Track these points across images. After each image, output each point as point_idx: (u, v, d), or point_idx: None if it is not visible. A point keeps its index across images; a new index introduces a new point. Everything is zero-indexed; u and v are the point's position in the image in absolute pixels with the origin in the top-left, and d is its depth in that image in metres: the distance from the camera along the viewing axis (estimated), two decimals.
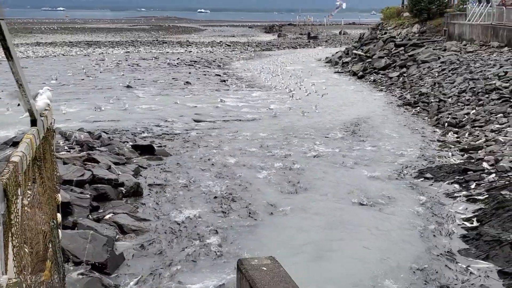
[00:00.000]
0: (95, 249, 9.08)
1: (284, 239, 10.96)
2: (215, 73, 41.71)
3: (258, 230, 11.41)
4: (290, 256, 10.09)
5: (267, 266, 3.71)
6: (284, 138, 20.11)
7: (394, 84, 34.22)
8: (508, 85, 23.02)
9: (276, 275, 3.62)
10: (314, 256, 10.17)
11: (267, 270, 3.66)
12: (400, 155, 17.52)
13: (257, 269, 3.66)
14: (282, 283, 3.49)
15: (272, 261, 3.82)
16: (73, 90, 31.53)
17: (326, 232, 11.27)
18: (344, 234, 11.07)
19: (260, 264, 3.74)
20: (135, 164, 15.42)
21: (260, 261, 3.80)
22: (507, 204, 11.49)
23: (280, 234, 11.24)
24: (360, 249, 10.30)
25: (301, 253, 10.28)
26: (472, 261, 9.64)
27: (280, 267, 3.79)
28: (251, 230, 11.35)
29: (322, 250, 10.35)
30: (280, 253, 10.22)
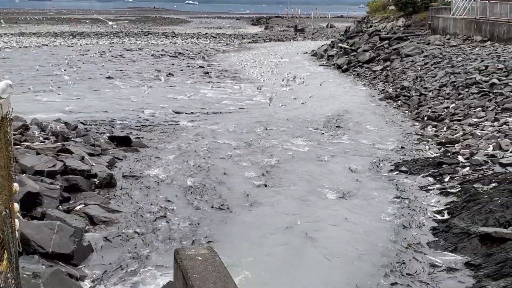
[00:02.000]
0: (62, 240, 8.99)
1: (255, 231, 10.94)
2: (199, 65, 41.55)
3: (230, 222, 11.37)
4: (259, 248, 10.10)
5: (202, 256, 3.68)
6: (263, 131, 20.07)
7: (377, 78, 34.28)
8: (488, 79, 23.11)
9: (211, 264, 3.59)
10: (282, 248, 10.15)
11: (202, 260, 3.64)
12: (378, 148, 17.56)
13: (192, 258, 3.64)
14: (215, 272, 3.47)
15: (209, 251, 3.80)
16: (54, 81, 31.22)
17: (296, 224, 11.24)
18: (313, 226, 11.06)
19: (196, 254, 3.72)
20: (110, 155, 15.31)
21: (197, 251, 3.77)
22: (478, 197, 11.55)
23: (252, 226, 11.22)
24: (328, 242, 10.31)
25: (270, 246, 10.26)
26: (440, 253, 9.68)
27: (215, 257, 3.77)
28: (223, 222, 11.31)
29: (291, 242, 10.33)
30: (251, 245, 10.24)
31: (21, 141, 15.19)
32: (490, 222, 10.26)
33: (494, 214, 10.43)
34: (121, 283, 8.66)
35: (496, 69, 24.11)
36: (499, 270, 8.63)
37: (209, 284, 3.35)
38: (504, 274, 8.48)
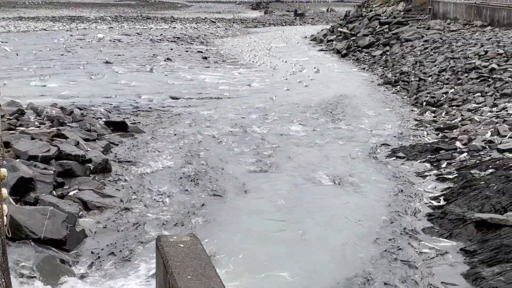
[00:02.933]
0: (54, 225, 8.93)
1: (250, 217, 10.88)
2: (197, 50, 41.33)
3: (225, 208, 11.30)
4: (253, 234, 10.04)
5: (184, 243, 3.62)
6: (260, 117, 19.97)
7: (376, 63, 34.13)
8: (487, 64, 22.97)
9: (192, 252, 3.53)
10: (276, 234, 10.09)
11: (183, 247, 3.57)
12: (375, 134, 17.47)
13: (174, 246, 3.58)
14: (196, 260, 3.41)
15: (191, 238, 3.73)
16: (52, 65, 31.07)
17: (292, 211, 11.17)
18: (308, 212, 10.99)
19: (178, 241, 3.66)
20: (106, 140, 15.23)
21: (179, 238, 3.71)
22: (475, 183, 11.48)
23: (247, 212, 11.15)
24: (323, 227, 10.25)
25: (264, 232, 10.19)
26: (435, 239, 9.63)
27: (198, 244, 3.70)
28: (217, 208, 11.24)
29: (285, 228, 10.27)
30: (245, 231, 10.18)
31: (16, 126, 15.12)
32: (486, 208, 10.21)
33: (490, 200, 10.37)
34: (114, 268, 8.62)
35: (495, 54, 23.96)
36: (494, 257, 8.58)
37: (189, 271, 3.29)
38: (499, 261, 8.44)
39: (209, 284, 3.18)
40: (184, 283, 3.15)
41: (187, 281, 3.18)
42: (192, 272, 3.28)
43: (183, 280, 3.17)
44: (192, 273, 3.28)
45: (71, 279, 8.07)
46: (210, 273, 3.30)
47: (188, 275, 3.24)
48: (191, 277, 3.23)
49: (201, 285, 3.16)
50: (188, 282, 3.18)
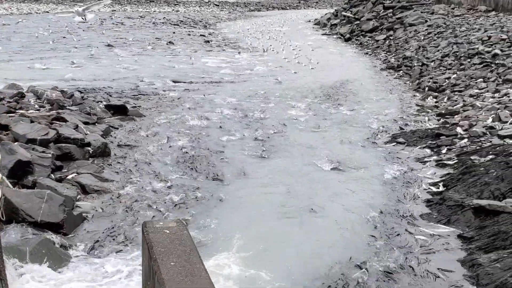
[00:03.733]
0: (51, 209, 8.91)
1: (249, 202, 10.85)
2: (200, 34, 41.16)
3: (224, 193, 11.26)
4: (252, 219, 10.02)
5: (170, 229, 3.59)
6: (262, 101, 19.91)
7: (379, 47, 33.97)
8: (490, 49, 22.82)
9: (177, 238, 3.51)
10: (275, 219, 10.06)
11: (169, 233, 3.55)
12: (376, 119, 17.40)
13: (159, 232, 3.55)
14: (181, 246, 3.39)
15: (178, 224, 3.70)
16: (53, 48, 30.98)
17: (290, 195, 11.16)
18: (307, 198, 10.96)
19: (164, 226, 3.63)
20: (106, 124, 15.19)
21: (165, 224, 3.68)
22: (474, 169, 11.42)
23: (246, 197, 11.12)
24: (321, 213, 10.21)
25: (263, 217, 10.16)
26: (433, 225, 9.59)
27: (184, 230, 3.67)
28: (216, 193, 11.20)
29: (284, 213, 10.25)
30: (244, 215, 10.17)
31: (16, 108, 15.09)
32: (484, 195, 10.17)
33: (489, 187, 10.33)
34: (111, 252, 8.60)
35: (499, 39, 23.80)
36: (491, 243, 8.56)
37: (172, 258, 3.27)
38: (496, 247, 8.42)
39: (193, 270, 3.15)
40: (167, 270, 3.13)
41: (170, 267, 3.16)
42: (176, 259, 3.26)
43: (166, 267, 3.15)
44: (176, 259, 3.26)
45: (68, 263, 8.07)
46: (194, 260, 3.27)
47: (172, 261, 3.22)
48: (174, 264, 3.20)
49: (184, 271, 3.14)
50: (171, 268, 3.16)
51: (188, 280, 3.03)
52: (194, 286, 2.96)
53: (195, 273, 3.10)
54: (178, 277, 3.05)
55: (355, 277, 7.93)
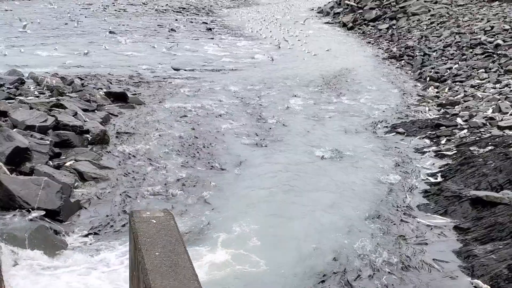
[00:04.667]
0: (48, 196, 8.92)
1: (247, 191, 10.85)
2: (202, 21, 41.01)
3: (222, 181, 11.27)
4: (251, 207, 10.03)
5: (157, 219, 3.59)
6: (262, 89, 19.86)
7: (382, 37, 33.83)
8: (493, 40, 22.72)
9: (164, 228, 3.51)
10: (275, 208, 10.06)
11: (156, 223, 3.55)
12: (376, 109, 17.37)
13: (146, 221, 3.55)
14: (167, 236, 3.39)
15: (165, 214, 3.70)
16: (55, 35, 30.89)
17: (290, 185, 11.14)
18: (306, 186, 10.96)
19: (151, 216, 3.63)
20: (105, 111, 15.17)
21: (152, 214, 3.68)
22: (473, 160, 11.42)
23: (244, 185, 11.12)
24: (319, 202, 10.21)
25: (262, 205, 10.17)
26: (430, 216, 9.60)
27: (171, 220, 3.67)
28: (214, 181, 11.20)
29: (282, 202, 10.25)
30: (241, 204, 10.17)
31: (16, 95, 15.08)
32: (482, 186, 10.17)
33: (487, 178, 10.32)
34: (107, 239, 8.62)
35: (501, 30, 23.71)
36: (487, 234, 8.57)
37: (157, 248, 3.27)
38: (492, 238, 8.43)
39: (177, 261, 3.16)
40: (151, 260, 3.14)
41: (155, 257, 3.17)
42: (161, 249, 3.26)
43: (150, 257, 3.16)
44: (161, 249, 3.26)
45: (64, 250, 8.09)
46: (179, 250, 3.27)
47: (157, 251, 3.23)
48: (159, 254, 3.21)
49: (169, 261, 3.14)
50: (156, 258, 3.16)
51: (172, 271, 3.04)
52: (177, 276, 2.97)
53: (180, 264, 3.11)
54: (162, 268, 3.05)
55: (351, 265, 7.95)
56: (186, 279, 2.99)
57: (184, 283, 2.95)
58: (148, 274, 2.98)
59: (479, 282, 7.34)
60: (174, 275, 3.03)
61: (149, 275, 2.97)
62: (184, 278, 3.00)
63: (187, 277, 3.01)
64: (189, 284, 2.94)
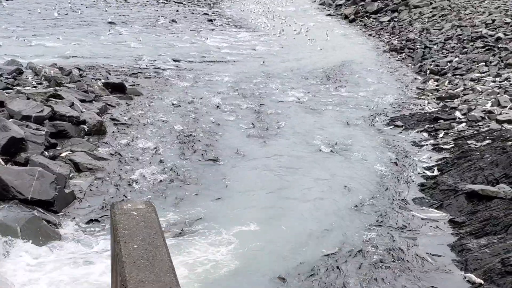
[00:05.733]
0: (42, 186, 8.90)
1: (243, 183, 10.83)
2: (204, 12, 40.86)
3: (218, 172, 11.25)
4: (247, 200, 10.02)
5: (138, 211, 3.57)
6: (262, 81, 19.81)
7: (383, 29, 33.68)
8: (494, 33, 22.61)
9: (144, 220, 3.49)
10: (268, 200, 10.06)
11: (137, 215, 3.52)
12: (376, 102, 17.32)
13: (127, 213, 3.53)
14: (146, 229, 3.37)
15: (146, 206, 3.67)
16: (55, 25, 30.79)
17: (286, 177, 11.13)
18: (302, 179, 10.95)
19: (132, 208, 3.61)
20: (103, 102, 15.14)
21: (134, 206, 3.66)
22: (470, 153, 11.37)
23: (240, 177, 11.10)
24: (316, 194, 10.20)
25: (258, 198, 10.16)
26: (425, 209, 9.57)
27: (152, 212, 3.64)
28: (211, 173, 11.19)
29: (277, 194, 10.24)
30: (238, 196, 10.16)
31: (13, 85, 15.06)
32: (478, 180, 10.13)
33: (483, 172, 10.29)
34: (101, 231, 8.60)
35: (503, 23, 23.59)
36: (482, 228, 8.54)
37: (136, 240, 3.25)
38: (486, 233, 8.40)
39: (155, 254, 3.14)
40: (129, 252, 3.11)
41: (132, 250, 3.15)
42: (140, 241, 3.24)
43: (128, 249, 3.14)
44: (140, 242, 3.24)
45: (57, 241, 8.08)
46: (158, 243, 3.25)
47: (135, 244, 3.21)
48: (137, 246, 3.19)
49: (146, 254, 3.12)
50: (133, 251, 3.14)
51: (149, 264, 3.02)
52: (154, 269, 2.95)
53: (157, 257, 3.09)
54: (139, 260, 3.03)
55: (343, 257, 7.93)
56: (163, 272, 2.97)
57: (160, 276, 2.93)
58: (124, 267, 2.96)
59: (472, 276, 7.32)
60: (150, 268, 3.01)
61: (125, 268, 2.95)
62: (160, 271, 2.98)
63: (163, 270, 2.99)
64: (165, 277, 2.92)
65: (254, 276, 7.48)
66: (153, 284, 2.83)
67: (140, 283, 2.82)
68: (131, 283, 2.80)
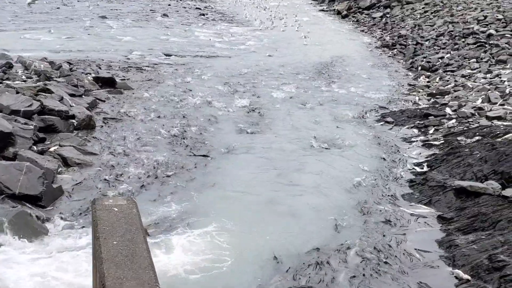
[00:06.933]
0: (30, 181, 8.84)
1: (233, 179, 10.79)
2: (196, 6, 40.75)
3: (209, 168, 11.21)
4: (238, 196, 9.98)
5: (119, 207, 3.54)
6: (253, 77, 19.76)
7: (376, 25, 33.70)
8: (485, 29, 22.64)
9: (125, 216, 3.46)
10: (257, 195, 10.02)
11: (117, 211, 3.50)
12: (366, 98, 17.31)
13: (108, 209, 3.50)
14: (126, 224, 3.34)
15: (128, 202, 3.64)
16: (46, 19, 30.62)
17: (276, 173, 11.09)
18: (292, 175, 10.92)
19: (113, 204, 3.58)
20: (93, 96, 15.05)
21: (115, 202, 3.63)
22: (459, 150, 11.39)
23: (230, 174, 11.05)
24: (305, 190, 10.18)
25: (249, 194, 10.11)
26: (414, 205, 9.58)
27: (133, 208, 3.62)
28: (201, 168, 11.15)
29: (266, 190, 10.21)
30: (227, 192, 10.12)
31: (3, 79, 14.94)
32: (467, 176, 10.15)
33: (472, 168, 10.30)
34: (89, 226, 8.54)
35: (494, 19, 23.62)
36: (470, 225, 8.55)
37: (116, 237, 3.23)
38: (475, 229, 8.42)
39: (134, 250, 3.11)
40: (108, 249, 3.09)
41: (112, 246, 3.12)
42: (120, 238, 3.22)
43: (107, 246, 3.11)
44: (120, 238, 3.21)
45: (44, 236, 8.03)
46: (138, 239, 3.22)
47: (115, 240, 3.18)
48: (117, 243, 3.16)
49: (125, 250, 3.09)
50: (113, 247, 3.11)
51: (128, 260, 2.99)
52: (133, 266, 2.92)
53: (136, 253, 3.06)
54: (118, 257, 3.00)
55: (331, 252, 7.92)
56: (141, 269, 2.94)
57: (139, 273, 2.91)
58: (103, 263, 2.93)
59: (459, 272, 7.33)
60: (129, 265, 2.98)
61: (104, 264, 2.92)
62: (139, 268, 2.95)
63: (142, 267, 2.96)
64: (143, 274, 2.90)
65: (239, 273, 7.45)
66: (132, 281, 2.80)
67: (118, 280, 2.79)
68: (109, 280, 2.77)
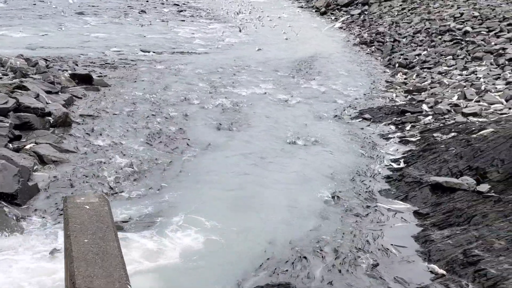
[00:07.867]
0: (5, 179, 8.74)
1: (210, 176, 10.77)
2: (174, 3, 40.52)
3: (185, 164, 11.18)
4: (215, 192, 9.97)
5: (91, 205, 3.52)
6: (231, 73, 19.73)
7: (354, 22, 33.83)
8: (462, 26, 22.88)
9: (96, 214, 3.43)
10: (235, 192, 10.02)
11: (89, 209, 3.47)
12: (345, 95, 17.40)
13: (79, 207, 3.48)
14: (98, 222, 3.32)
15: (100, 199, 3.62)
16: (22, 15, 30.23)
17: (253, 169, 11.11)
18: (269, 172, 10.93)
19: (85, 202, 3.55)
20: (69, 93, 14.90)
21: (87, 199, 3.60)
22: (435, 146, 11.50)
23: (207, 170, 11.03)
24: (282, 186, 10.20)
25: (226, 190, 10.11)
26: (391, 201, 9.66)
27: (105, 206, 3.60)
28: (177, 165, 11.11)
29: (244, 187, 10.21)
30: (205, 188, 10.10)
31: None
32: (443, 172, 10.25)
33: (448, 164, 10.41)
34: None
35: (471, 16, 23.87)
36: (446, 220, 8.65)
37: (87, 234, 3.20)
38: (450, 224, 8.51)
39: (105, 248, 3.09)
40: (79, 247, 3.06)
41: (82, 244, 3.09)
42: (91, 236, 3.19)
43: (78, 244, 3.09)
44: (91, 236, 3.19)
45: (20, 234, 7.94)
46: (109, 237, 3.20)
47: (86, 238, 3.16)
48: (88, 241, 3.14)
49: (96, 249, 3.07)
50: (83, 245, 3.09)
51: (99, 258, 2.97)
52: (104, 264, 2.90)
53: (108, 251, 3.04)
54: (89, 255, 2.98)
55: (307, 248, 7.95)
56: (112, 267, 2.93)
57: (110, 271, 2.89)
58: (73, 262, 2.90)
59: (435, 267, 7.41)
60: (100, 263, 2.96)
61: (74, 263, 2.89)
62: (110, 266, 2.93)
63: (113, 265, 2.94)
64: (114, 272, 2.88)
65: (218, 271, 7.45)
66: (102, 279, 2.78)
67: (88, 278, 2.77)
68: (79, 278, 2.75)
